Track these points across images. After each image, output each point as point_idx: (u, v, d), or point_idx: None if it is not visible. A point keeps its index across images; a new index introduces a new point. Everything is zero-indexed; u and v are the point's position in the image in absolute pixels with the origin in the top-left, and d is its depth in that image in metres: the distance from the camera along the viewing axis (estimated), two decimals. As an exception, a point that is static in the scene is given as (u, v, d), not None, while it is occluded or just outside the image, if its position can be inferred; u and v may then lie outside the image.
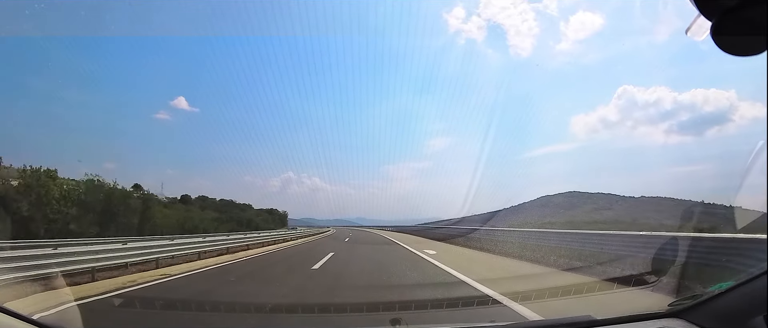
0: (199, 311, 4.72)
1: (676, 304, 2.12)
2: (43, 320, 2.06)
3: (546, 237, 12.43)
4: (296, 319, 4.45)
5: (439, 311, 4.53)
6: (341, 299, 5.78)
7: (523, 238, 13.31)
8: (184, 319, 4.37)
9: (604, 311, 2.72)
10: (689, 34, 1.02)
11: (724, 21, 0.92)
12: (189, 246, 11.80)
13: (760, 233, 4.43)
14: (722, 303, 1.76)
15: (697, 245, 6.09)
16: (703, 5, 0.92)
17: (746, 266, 4.41)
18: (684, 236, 6.82)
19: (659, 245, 6.83)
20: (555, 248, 10.58)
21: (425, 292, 6.02)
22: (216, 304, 5.12)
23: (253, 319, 4.56)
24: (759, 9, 0.89)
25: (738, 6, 0.90)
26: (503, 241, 13.75)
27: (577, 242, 10.25)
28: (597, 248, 9.01)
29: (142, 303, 5.27)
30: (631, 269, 6.61)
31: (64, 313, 4.15)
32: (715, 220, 8.19)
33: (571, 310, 4.41)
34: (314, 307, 4.90)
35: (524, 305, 4.45)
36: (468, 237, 17.68)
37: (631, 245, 7.95)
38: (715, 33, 0.93)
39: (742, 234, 4.97)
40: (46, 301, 4.81)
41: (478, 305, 4.90)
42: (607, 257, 7.95)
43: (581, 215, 34.18)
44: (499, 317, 4.32)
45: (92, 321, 4.16)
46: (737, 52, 0.95)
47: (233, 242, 15.56)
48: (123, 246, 9.23)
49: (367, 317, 4.44)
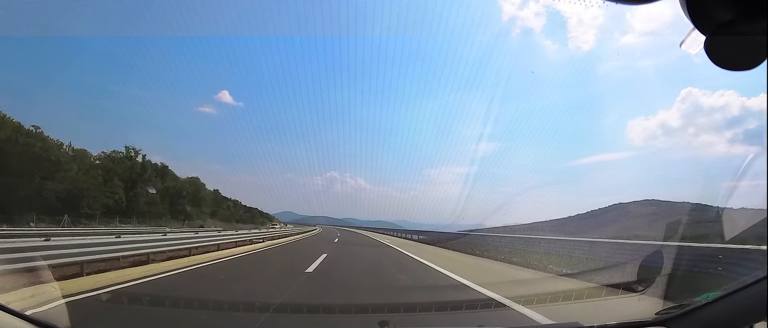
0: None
1: (663, 313, 2.14)
2: (35, 316, 2.04)
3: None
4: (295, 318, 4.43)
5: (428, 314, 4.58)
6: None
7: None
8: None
9: (591, 318, 2.74)
10: (683, 47, 1.03)
11: (718, 35, 0.92)
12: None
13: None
14: (709, 313, 1.77)
15: (684, 253, 6.17)
16: (697, 19, 0.93)
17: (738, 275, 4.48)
18: (670, 245, 6.91)
19: (648, 252, 6.91)
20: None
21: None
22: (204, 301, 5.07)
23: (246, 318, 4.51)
24: (752, 24, 0.90)
25: (731, 21, 0.91)
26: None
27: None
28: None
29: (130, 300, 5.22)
30: (620, 276, 6.68)
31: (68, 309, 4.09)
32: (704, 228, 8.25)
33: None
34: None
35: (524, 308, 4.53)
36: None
37: (620, 252, 8.04)
38: (709, 47, 0.94)
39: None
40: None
41: (466, 308, 4.93)
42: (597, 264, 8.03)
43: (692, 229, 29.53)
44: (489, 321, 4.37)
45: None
46: (731, 66, 0.96)
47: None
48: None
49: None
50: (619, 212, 33.62)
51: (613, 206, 36.22)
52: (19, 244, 6.60)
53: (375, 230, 43.10)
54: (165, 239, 10.71)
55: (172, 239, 11.07)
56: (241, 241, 16.20)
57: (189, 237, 12.55)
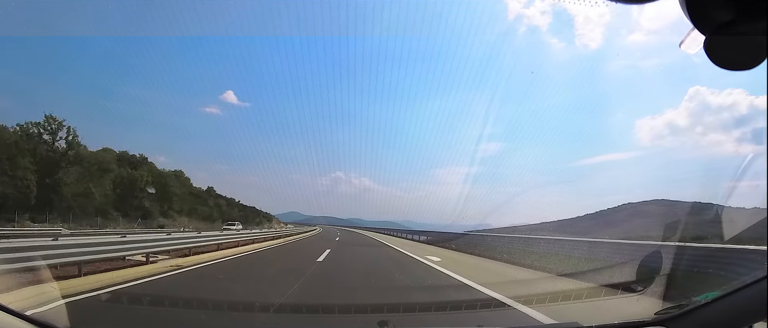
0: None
1: (662, 313, 2.14)
2: (36, 316, 2.04)
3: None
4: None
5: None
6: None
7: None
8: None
9: (590, 318, 2.74)
10: (683, 47, 1.03)
11: (718, 35, 0.92)
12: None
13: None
14: (708, 313, 1.77)
15: (683, 253, 6.18)
16: (697, 19, 0.93)
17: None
18: (669, 245, 6.91)
19: (647, 252, 6.91)
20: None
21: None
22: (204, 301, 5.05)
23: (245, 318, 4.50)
24: (752, 24, 0.90)
25: (731, 21, 0.91)
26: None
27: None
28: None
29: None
30: (620, 276, 6.68)
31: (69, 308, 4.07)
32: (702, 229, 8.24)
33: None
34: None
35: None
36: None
37: (619, 252, 8.05)
38: (709, 47, 0.94)
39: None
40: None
41: (466, 308, 4.92)
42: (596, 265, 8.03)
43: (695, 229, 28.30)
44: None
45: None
46: (731, 66, 0.96)
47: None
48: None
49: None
50: (629, 211, 33.24)
51: (623, 206, 35.82)
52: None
53: (377, 230, 42.80)
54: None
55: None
56: (206, 246, 13.03)
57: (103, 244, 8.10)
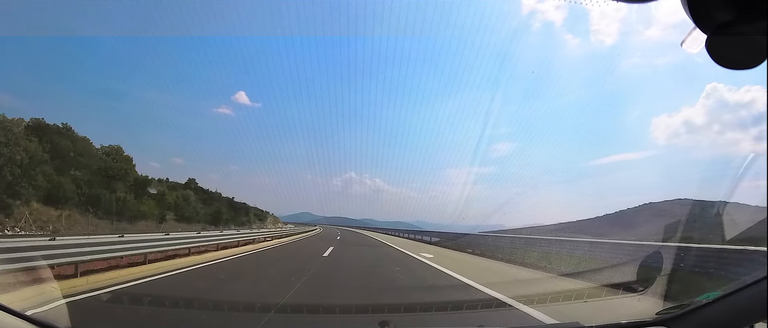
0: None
1: (663, 313, 2.13)
2: (36, 316, 2.04)
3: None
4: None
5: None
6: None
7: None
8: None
9: (592, 318, 2.75)
10: (684, 46, 1.03)
11: (719, 34, 0.92)
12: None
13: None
14: (709, 313, 1.77)
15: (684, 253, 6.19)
16: (698, 19, 0.93)
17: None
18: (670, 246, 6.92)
19: (647, 253, 6.91)
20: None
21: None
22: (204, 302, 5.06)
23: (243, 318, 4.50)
24: (752, 24, 0.90)
25: (732, 21, 0.91)
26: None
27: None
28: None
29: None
30: (621, 276, 6.68)
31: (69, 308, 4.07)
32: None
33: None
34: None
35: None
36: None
37: (621, 253, 8.05)
38: (710, 46, 0.94)
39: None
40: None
41: (467, 308, 4.92)
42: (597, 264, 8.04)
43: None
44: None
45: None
46: (731, 65, 0.96)
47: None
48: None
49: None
50: (651, 211, 32.56)
51: (644, 206, 35.12)
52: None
53: (385, 230, 41.94)
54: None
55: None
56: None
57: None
